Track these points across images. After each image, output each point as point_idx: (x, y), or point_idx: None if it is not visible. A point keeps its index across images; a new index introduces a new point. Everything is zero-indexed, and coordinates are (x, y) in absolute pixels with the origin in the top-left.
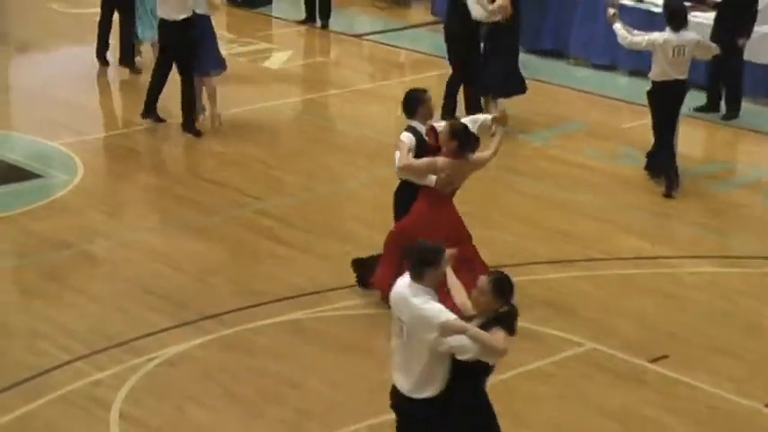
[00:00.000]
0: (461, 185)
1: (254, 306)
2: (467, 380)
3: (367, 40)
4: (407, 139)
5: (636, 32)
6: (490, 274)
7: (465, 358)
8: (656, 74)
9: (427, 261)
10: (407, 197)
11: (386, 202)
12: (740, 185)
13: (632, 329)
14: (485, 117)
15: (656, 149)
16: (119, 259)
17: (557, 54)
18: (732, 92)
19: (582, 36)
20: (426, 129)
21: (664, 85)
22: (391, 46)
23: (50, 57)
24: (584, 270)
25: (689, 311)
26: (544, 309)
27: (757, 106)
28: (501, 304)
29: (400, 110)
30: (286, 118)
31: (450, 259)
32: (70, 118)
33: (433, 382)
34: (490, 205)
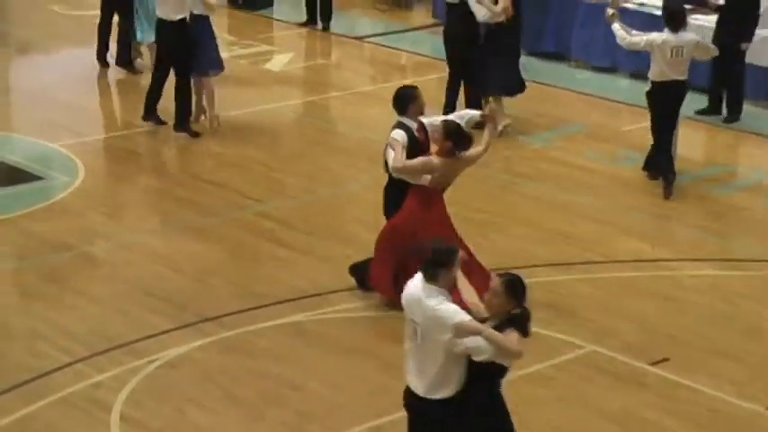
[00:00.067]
0: (452, 182)
1: (254, 308)
2: (482, 381)
3: (368, 42)
4: (400, 137)
5: (635, 33)
6: (502, 275)
7: (480, 359)
8: (654, 74)
9: (441, 262)
10: (397, 194)
11: None
12: (741, 188)
13: (633, 332)
14: (473, 113)
15: (655, 150)
16: (119, 261)
17: (558, 56)
18: (733, 95)
19: (583, 38)
20: (417, 125)
21: (663, 85)
22: (392, 48)
23: (51, 58)
24: (585, 272)
25: (690, 314)
26: (544, 311)
27: (758, 109)
28: (514, 306)
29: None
30: (287, 120)
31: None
32: (71, 120)
33: (448, 383)
34: (490, 207)
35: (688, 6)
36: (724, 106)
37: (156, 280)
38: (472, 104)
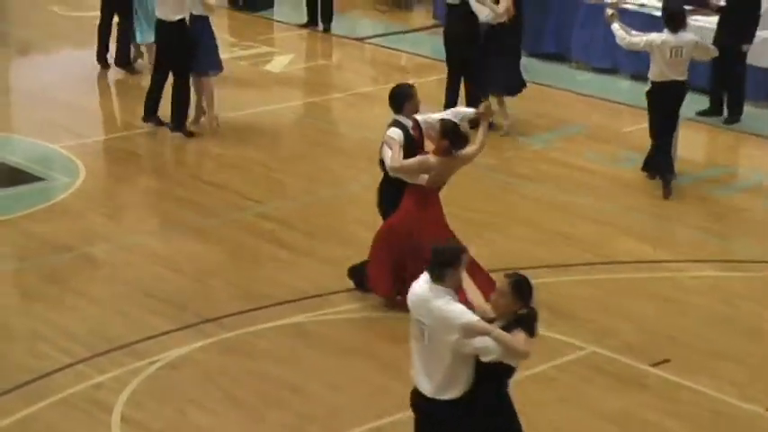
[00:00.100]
0: (447, 181)
1: (255, 309)
2: (489, 381)
3: (369, 43)
4: (397, 135)
5: (634, 33)
6: (509, 276)
7: (488, 360)
8: (654, 74)
9: (448, 262)
10: (393, 191)
11: None
12: (742, 189)
13: (633, 333)
14: (468, 110)
15: (654, 150)
16: (119, 262)
17: (558, 57)
18: (734, 96)
19: (583, 39)
20: (412, 123)
21: (662, 85)
22: (393, 49)
23: (51, 59)
24: (585, 273)
25: (690, 315)
26: (545, 312)
27: (759, 110)
28: (520, 306)
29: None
30: (287, 121)
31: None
32: (71, 120)
33: (456, 383)
34: (490, 208)
35: (688, 7)
36: (725, 107)
37: (157, 281)
38: (472, 104)
